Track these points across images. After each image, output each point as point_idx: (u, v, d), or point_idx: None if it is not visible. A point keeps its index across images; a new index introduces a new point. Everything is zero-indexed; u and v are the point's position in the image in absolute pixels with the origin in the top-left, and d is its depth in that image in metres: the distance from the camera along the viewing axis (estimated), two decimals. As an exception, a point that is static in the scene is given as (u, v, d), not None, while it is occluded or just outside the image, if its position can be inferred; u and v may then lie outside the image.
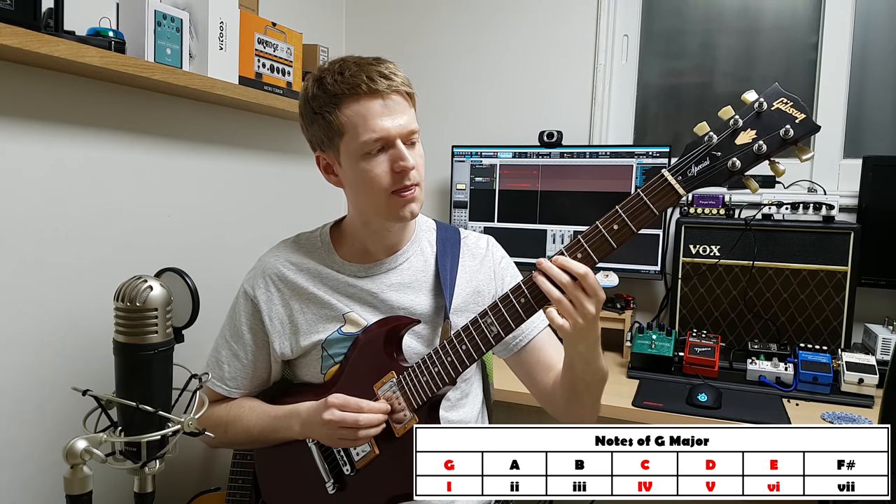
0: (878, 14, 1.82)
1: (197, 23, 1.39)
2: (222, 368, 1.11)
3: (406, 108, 0.99)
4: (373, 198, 1.00)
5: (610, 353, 1.84)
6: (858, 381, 1.43)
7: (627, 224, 0.83)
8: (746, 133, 0.80)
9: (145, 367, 0.91)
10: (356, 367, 1.04)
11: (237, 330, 1.10)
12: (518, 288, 0.90)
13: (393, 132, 0.96)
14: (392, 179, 0.97)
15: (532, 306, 0.89)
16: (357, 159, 0.98)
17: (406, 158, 0.96)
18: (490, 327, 0.92)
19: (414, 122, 1.00)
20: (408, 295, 1.07)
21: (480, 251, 1.14)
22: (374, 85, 0.95)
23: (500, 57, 2.13)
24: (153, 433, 0.91)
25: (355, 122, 0.96)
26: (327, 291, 1.07)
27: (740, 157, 0.80)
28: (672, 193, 0.83)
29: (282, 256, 1.11)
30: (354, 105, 0.96)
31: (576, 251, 0.85)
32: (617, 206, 0.84)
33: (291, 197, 1.99)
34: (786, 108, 0.79)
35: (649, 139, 2.07)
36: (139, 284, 0.90)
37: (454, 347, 0.95)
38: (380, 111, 0.96)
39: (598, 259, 0.85)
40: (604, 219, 0.85)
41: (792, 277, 1.67)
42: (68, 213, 1.25)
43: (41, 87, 1.19)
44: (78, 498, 0.86)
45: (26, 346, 1.19)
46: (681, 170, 0.83)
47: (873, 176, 1.65)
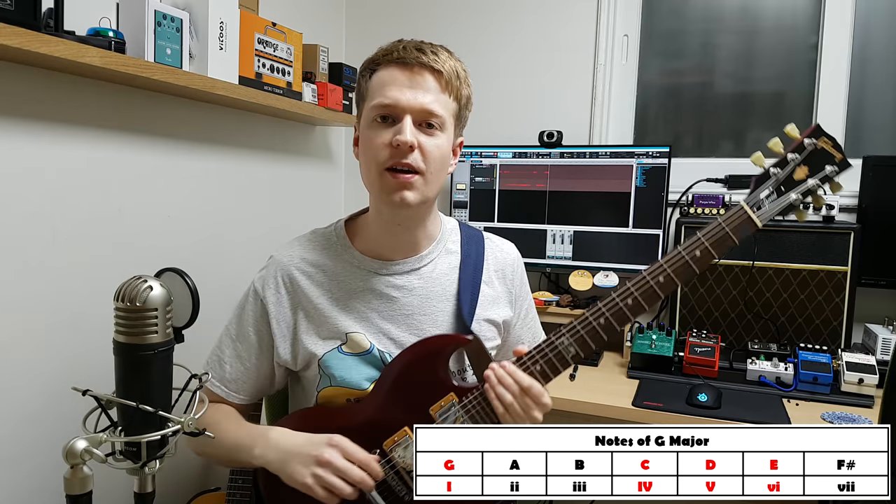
0: (878, 14, 1.82)
1: (197, 23, 1.39)
2: (224, 369, 1.05)
3: (432, 88, 0.93)
4: (368, 171, 0.96)
5: (610, 353, 1.84)
6: (858, 381, 1.43)
7: (710, 251, 0.90)
8: (801, 169, 0.90)
9: (145, 367, 0.91)
10: (401, 387, 0.96)
11: (243, 330, 1.05)
12: (597, 310, 0.92)
13: (402, 103, 0.91)
14: (389, 154, 0.92)
15: (613, 328, 0.91)
16: (366, 125, 0.96)
17: (403, 133, 0.90)
18: (568, 349, 0.92)
19: (436, 105, 0.93)
20: (430, 301, 1.02)
21: (507, 261, 1.11)
22: (405, 54, 0.92)
23: (500, 57, 2.13)
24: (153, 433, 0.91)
25: (377, 85, 0.94)
26: (338, 300, 1.01)
27: (800, 193, 0.90)
28: (751, 224, 0.90)
29: (296, 255, 1.04)
30: (383, 71, 0.94)
31: (658, 274, 0.90)
32: (699, 234, 0.91)
33: (291, 197, 1.99)
34: (827, 147, 0.90)
35: (649, 139, 2.07)
36: (139, 284, 0.90)
37: (527, 368, 0.92)
38: (400, 80, 0.92)
39: (680, 283, 0.90)
40: (686, 245, 0.90)
41: (792, 277, 1.67)
42: (68, 212, 1.25)
43: (41, 87, 1.19)
44: (78, 498, 0.86)
45: (26, 346, 1.19)
46: (756, 202, 0.91)
47: (873, 176, 1.65)
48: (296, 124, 1.98)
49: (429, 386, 0.96)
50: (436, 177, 0.96)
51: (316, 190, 2.14)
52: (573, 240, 1.90)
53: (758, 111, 1.97)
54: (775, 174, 0.90)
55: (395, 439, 0.96)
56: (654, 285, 0.89)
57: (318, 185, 2.15)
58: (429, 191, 0.96)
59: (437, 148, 0.95)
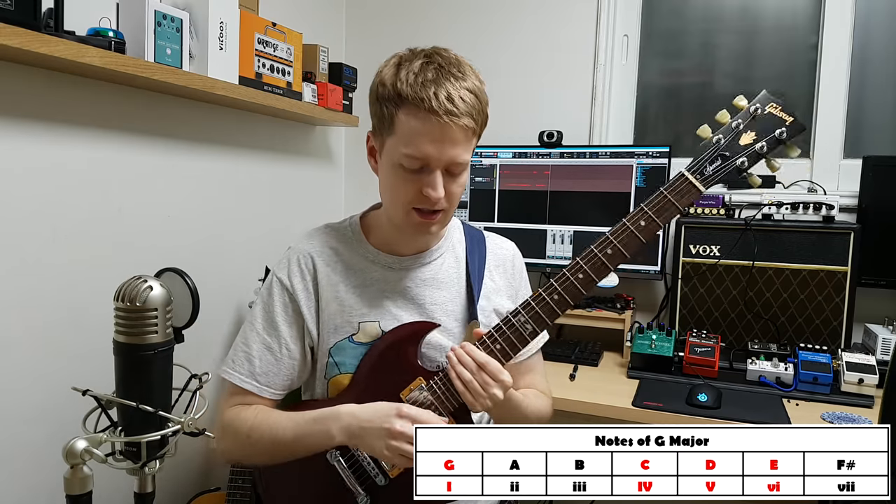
0: (878, 14, 1.82)
1: (197, 23, 1.39)
2: (253, 364, 1.03)
3: (463, 140, 0.94)
4: (394, 204, 1.00)
5: (610, 353, 1.84)
6: (858, 381, 1.43)
7: (654, 220, 0.91)
8: (747, 135, 0.92)
9: (145, 367, 0.92)
10: (376, 374, 1.01)
11: (272, 321, 1.04)
12: (549, 286, 0.94)
13: (434, 160, 0.93)
14: (416, 198, 0.96)
15: (567, 302, 0.94)
16: (394, 164, 0.96)
17: (436, 188, 0.93)
18: (524, 325, 0.95)
19: (465, 155, 0.95)
20: (441, 291, 1.07)
21: (507, 257, 1.16)
22: (437, 105, 0.90)
23: (500, 57, 2.13)
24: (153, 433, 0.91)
25: (407, 131, 0.93)
26: (355, 289, 1.05)
27: (746, 157, 0.91)
28: (693, 190, 0.91)
29: (315, 243, 1.08)
30: (413, 116, 0.92)
31: (605, 247, 0.92)
32: (642, 204, 0.92)
33: (291, 197, 1.99)
34: (776, 111, 0.92)
35: (649, 139, 2.07)
36: (139, 284, 0.90)
37: (487, 348, 0.95)
38: (433, 134, 0.91)
39: (629, 255, 0.92)
40: (630, 216, 0.91)
41: (792, 277, 1.67)
42: (68, 212, 1.25)
43: (41, 87, 1.19)
44: (78, 498, 0.86)
45: (27, 346, 1.19)
46: (698, 169, 0.92)
47: (873, 176, 1.64)
48: (296, 124, 1.98)
49: (400, 371, 1.00)
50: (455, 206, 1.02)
51: (316, 190, 2.14)
52: (573, 240, 1.90)
53: (758, 111, 1.97)
54: (718, 140, 0.92)
55: None
56: (602, 257, 0.92)
57: (318, 185, 2.15)
58: (448, 219, 1.04)
59: (462, 186, 1.00)
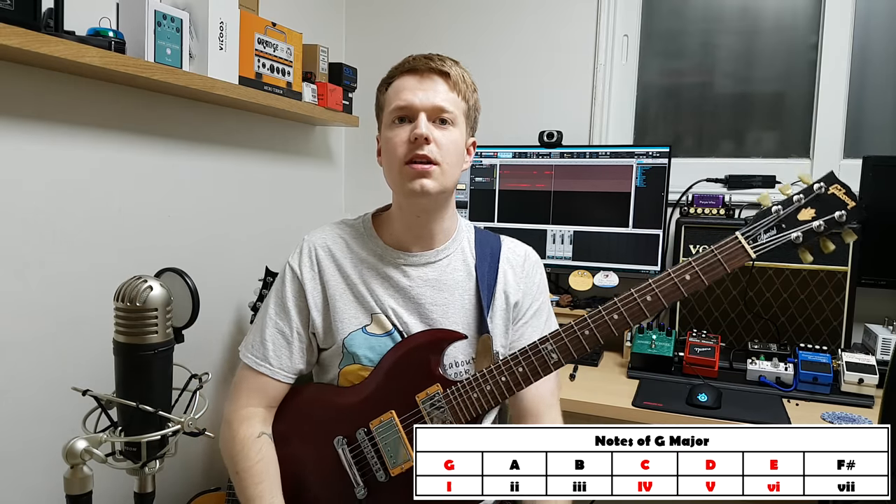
0: (878, 14, 1.81)
1: (197, 23, 1.39)
2: (266, 347, 1.07)
3: (442, 89, 1.02)
4: (391, 168, 1.04)
5: (610, 353, 1.84)
6: (858, 381, 1.43)
7: (700, 276, 0.91)
8: (807, 211, 0.92)
9: (145, 367, 0.91)
10: (395, 373, 1.03)
11: (284, 307, 1.09)
12: (583, 321, 0.95)
13: (416, 104, 1.00)
14: (407, 149, 1.00)
15: (597, 339, 0.94)
16: (386, 128, 1.04)
17: (419, 127, 0.99)
18: (550, 354, 0.96)
19: (446, 103, 1.02)
20: (442, 293, 1.07)
21: (517, 261, 1.14)
22: (415, 63, 1.03)
23: (500, 57, 2.13)
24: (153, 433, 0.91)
25: (392, 94, 1.03)
26: (364, 282, 1.07)
27: (802, 232, 0.92)
28: (744, 254, 0.92)
29: (328, 236, 1.12)
30: (397, 81, 1.04)
31: (646, 293, 0.92)
32: (690, 259, 0.92)
33: (291, 197, 1.99)
34: (839, 193, 0.91)
35: (649, 139, 2.07)
36: (139, 284, 0.90)
37: (510, 369, 0.97)
38: (412, 85, 1.02)
39: (667, 305, 0.92)
40: (676, 268, 0.92)
41: (792, 277, 1.67)
42: (68, 213, 1.25)
43: (41, 87, 1.19)
44: (78, 498, 0.86)
45: (26, 346, 1.19)
46: (752, 234, 0.92)
47: (873, 176, 1.64)
48: (296, 124, 1.98)
49: (419, 374, 1.01)
50: (452, 168, 1.03)
51: (316, 190, 2.14)
52: (573, 240, 1.90)
53: (758, 111, 1.97)
54: (777, 211, 0.92)
55: (381, 419, 1.01)
56: (640, 303, 0.92)
57: (317, 185, 2.15)
58: (446, 181, 1.03)
59: (451, 141, 1.03)
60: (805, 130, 1.88)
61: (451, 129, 1.03)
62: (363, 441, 1.02)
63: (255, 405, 1.07)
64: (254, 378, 1.08)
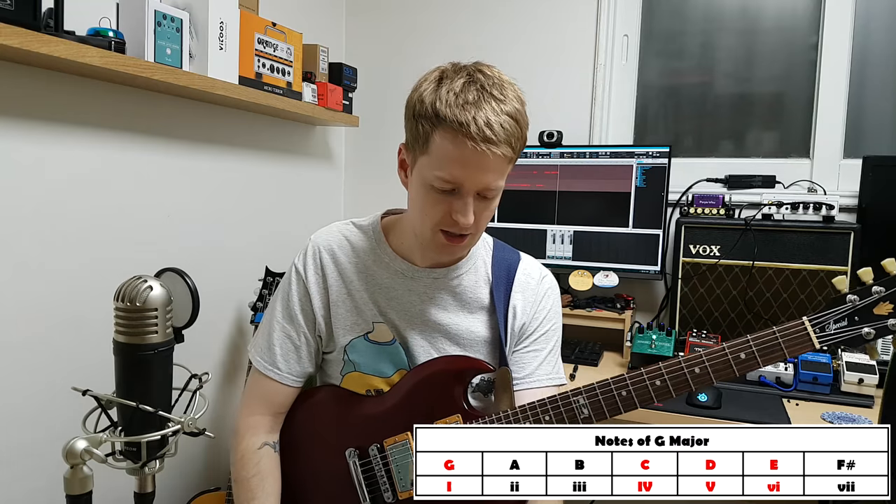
0: (878, 14, 1.81)
1: (197, 23, 1.39)
2: (274, 353, 1.05)
3: (498, 167, 0.90)
4: (422, 223, 0.96)
5: (610, 353, 1.84)
6: (858, 381, 1.43)
7: (756, 357, 0.85)
8: (884, 305, 0.84)
9: (145, 367, 0.91)
10: (417, 394, 1.01)
11: (290, 311, 1.06)
12: (622, 381, 0.90)
13: (466, 185, 0.90)
14: (444, 220, 0.93)
15: (634, 403, 0.89)
16: (425, 183, 0.93)
17: (466, 215, 0.91)
18: (581, 409, 0.91)
19: (500, 181, 0.92)
20: (447, 313, 1.04)
21: (531, 284, 1.08)
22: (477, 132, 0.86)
23: (500, 57, 2.12)
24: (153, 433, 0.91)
25: (442, 153, 0.89)
26: (368, 289, 1.04)
27: (875, 329, 0.84)
28: (808, 343, 0.85)
29: (334, 238, 1.08)
30: (450, 138, 0.88)
31: (694, 365, 0.87)
32: (749, 337, 0.86)
33: (291, 197, 1.99)
34: None
35: (649, 139, 2.07)
36: (139, 284, 0.90)
37: (536, 415, 0.93)
38: (467, 160, 0.88)
39: (715, 380, 0.87)
40: (732, 344, 0.86)
41: (792, 277, 1.67)
42: (68, 213, 1.25)
43: (41, 87, 1.19)
44: (78, 498, 0.86)
45: (26, 346, 1.19)
46: (820, 323, 0.85)
47: (873, 176, 1.64)
48: (296, 124, 1.98)
49: (441, 401, 0.99)
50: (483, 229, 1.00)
51: (316, 190, 2.14)
52: (573, 240, 1.90)
53: (758, 111, 1.97)
54: (853, 300, 0.85)
55: (395, 439, 0.99)
56: (687, 374, 0.88)
57: (318, 185, 2.15)
58: (475, 242, 1.02)
59: (492, 211, 0.97)
60: (805, 130, 1.88)
61: (496, 198, 0.95)
62: (375, 458, 1.00)
63: (262, 413, 1.06)
64: (263, 383, 1.06)
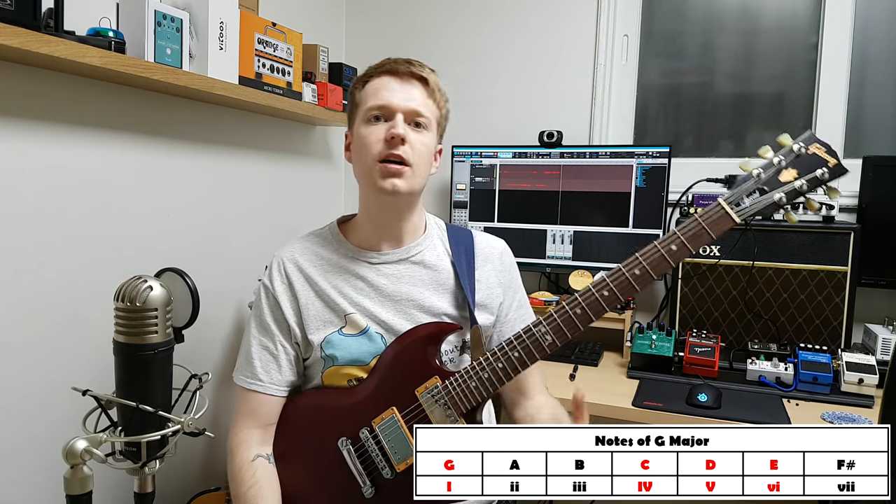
0: (878, 14, 1.81)
1: (197, 23, 1.39)
2: (254, 365, 1.09)
3: (419, 93, 1.05)
4: (362, 164, 1.05)
5: (610, 353, 1.84)
6: (858, 381, 1.43)
7: (685, 245, 0.91)
8: (788, 172, 0.92)
9: (145, 367, 0.92)
10: (393, 370, 1.04)
11: (263, 323, 1.10)
12: (574, 300, 0.95)
13: (394, 104, 1.03)
14: (382, 147, 1.02)
15: (589, 317, 0.94)
16: (361, 124, 1.06)
17: (396, 127, 1.01)
18: (544, 336, 0.96)
19: (423, 108, 1.05)
20: (418, 288, 1.09)
21: (494, 256, 1.16)
22: (396, 65, 1.05)
23: (501, 57, 2.13)
24: (153, 433, 0.91)
25: (369, 93, 1.05)
26: (335, 286, 1.08)
27: (785, 193, 0.91)
28: (728, 219, 0.91)
29: (296, 248, 1.13)
30: (375, 80, 1.06)
31: (633, 267, 0.92)
32: (675, 229, 0.92)
33: (291, 197, 1.99)
34: (820, 152, 0.92)
35: (649, 139, 2.07)
36: (139, 284, 0.90)
37: (505, 354, 0.98)
38: (392, 86, 1.04)
39: (656, 276, 0.92)
40: (662, 239, 0.92)
41: (792, 277, 1.67)
42: (68, 213, 1.25)
43: (41, 87, 1.19)
44: (78, 498, 0.86)
45: (27, 346, 1.19)
46: (734, 199, 0.92)
47: (873, 176, 1.64)
48: (296, 124, 1.98)
49: (417, 369, 1.02)
50: (422, 170, 1.06)
51: (316, 190, 2.14)
52: (573, 240, 1.90)
53: (758, 111, 1.97)
54: (758, 174, 0.92)
55: (382, 417, 1.02)
56: (629, 277, 0.92)
57: (318, 185, 2.15)
58: (416, 182, 1.05)
59: (424, 144, 1.06)
60: (805, 130, 1.88)
61: (425, 132, 1.06)
62: (367, 440, 1.02)
63: (251, 427, 1.08)
64: (248, 399, 1.09)
